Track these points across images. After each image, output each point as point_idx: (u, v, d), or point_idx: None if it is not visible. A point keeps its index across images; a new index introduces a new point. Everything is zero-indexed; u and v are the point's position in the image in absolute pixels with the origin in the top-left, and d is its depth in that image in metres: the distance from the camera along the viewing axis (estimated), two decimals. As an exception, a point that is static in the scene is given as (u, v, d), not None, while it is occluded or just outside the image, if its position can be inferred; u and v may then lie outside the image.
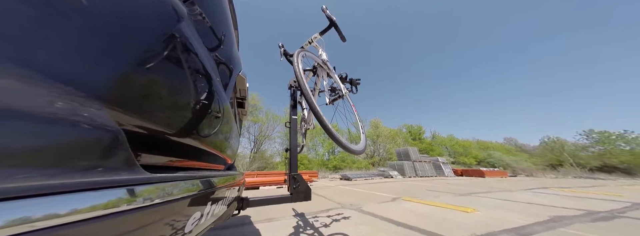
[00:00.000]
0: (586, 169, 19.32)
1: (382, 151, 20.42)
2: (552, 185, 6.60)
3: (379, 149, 20.32)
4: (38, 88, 0.17)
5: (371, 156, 20.32)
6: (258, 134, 17.66)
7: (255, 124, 17.85)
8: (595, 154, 21.78)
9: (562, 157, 22.93)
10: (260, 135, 17.70)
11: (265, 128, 18.06)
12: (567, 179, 11.83)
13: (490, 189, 5.07)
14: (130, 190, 0.22)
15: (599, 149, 22.65)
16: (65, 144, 0.18)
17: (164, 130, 0.34)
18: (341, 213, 2.42)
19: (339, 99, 1.46)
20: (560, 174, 16.33)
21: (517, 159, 23.67)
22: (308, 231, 1.76)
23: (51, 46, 0.18)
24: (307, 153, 18.48)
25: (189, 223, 0.33)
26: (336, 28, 1.32)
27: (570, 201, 3.37)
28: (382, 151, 20.37)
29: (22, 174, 0.15)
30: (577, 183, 7.90)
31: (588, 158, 21.61)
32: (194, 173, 0.40)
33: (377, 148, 20.48)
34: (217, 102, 0.50)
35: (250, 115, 18.02)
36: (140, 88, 0.27)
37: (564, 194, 4.34)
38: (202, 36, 0.46)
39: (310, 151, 19.20)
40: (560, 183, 8.00)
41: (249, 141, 17.45)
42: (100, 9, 0.22)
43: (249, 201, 0.99)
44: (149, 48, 0.28)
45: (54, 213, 0.15)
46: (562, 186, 6.45)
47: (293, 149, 1.23)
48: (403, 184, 6.70)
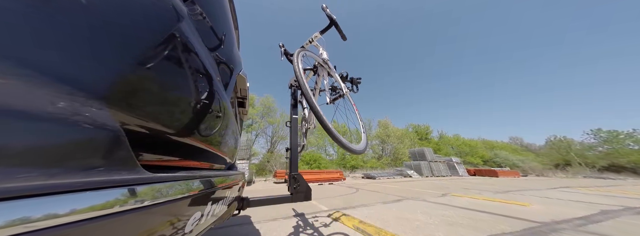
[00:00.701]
0: (595, 169, 19.37)
1: (389, 151, 20.42)
2: (570, 185, 6.91)
3: (388, 149, 20.45)
4: (39, 88, 0.17)
5: (380, 155, 20.40)
6: (274, 135, 18.16)
7: (271, 125, 18.41)
8: (602, 154, 21.75)
9: (569, 156, 22.94)
10: (276, 136, 18.24)
11: (280, 129, 18.45)
12: (577, 179, 11.97)
13: (520, 188, 5.39)
14: (131, 190, 0.22)
15: (606, 148, 22.44)
16: (66, 144, 0.18)
17: (165, 130, 0.34)
18: (416, 203, 2.96)
19: (340, 98, 1.46)
20: (570, 174, 16.56)
21: (523, 159, 23.64)
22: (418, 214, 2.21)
23: (52, 45, 0.18)
24: (319, 153, 18.59)
25: (189, 223, 0.33)
26: (337, 27, 1.32)
27: (602, 199, 3.63)
28: (390, 151, 20.36)
29: (22, 174, 0.15)
30: (592, 183, 8.14)
31: (595, 158, 21.60)
32: (194, 172, 0.40)
33: (386, 147, 20.67)
34: (218, 102, 0.50)
35: (267, 116, 18.42)
36: (140, 88, 0.28)
37: (591, 193, 4.64)
38: (203, 36, 0.46)
39: (319, 151, 19.37)
40: (575, 182, 8.27)
41: (265, 141, 18.07)
42: (101, 8, 0.22)
43: (249, 201, 1.00)
44: (150, 48, 0.28)
45: (55, 213, 0.15)
46: (580, 185, 6.71)
47: (293, 149, 1.23)
48: (429, 182, 7.29)
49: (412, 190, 4.77)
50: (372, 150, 21.27)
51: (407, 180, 8.47)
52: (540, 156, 24.98)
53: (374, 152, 21.10)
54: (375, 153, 20.57)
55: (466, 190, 4.79)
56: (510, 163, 22.69)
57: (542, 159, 23.94)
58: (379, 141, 21.78)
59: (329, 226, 1.88)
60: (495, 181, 8.11)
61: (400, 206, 2.70)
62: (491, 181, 8.50)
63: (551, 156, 24.10)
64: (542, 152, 26.42)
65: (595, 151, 22.34)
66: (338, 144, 0.93)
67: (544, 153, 25.60)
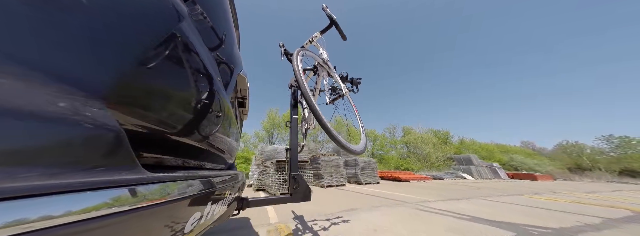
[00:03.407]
0: (616, 173, 19.90)
1: (422, 156, 20.77)
2: (616, 189, 7.42)
3: (419, 154, 21.04)
4: (40, 88, 0.17)
5: (403, 158, 20.85)
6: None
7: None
8: (614, 159, 22.22)
9: (580, 161, 23.29)
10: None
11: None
12: (602, 183, 12.64)
13: (593, 190, 6.12)
14: (131, 190, 0.22)
15: (619, 153, 22.64)
16: (67, 143, 0.18)
17: (165, 129, 0.34)
18: (530, 198, 3.93)
19: (340, 98, 1.44)
20: (594, 178, 17.10)
21: (539, 163, 23.83)
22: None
23: (52, 45, 0.18)
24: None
25: (189, 223, 0.33)
26: (337, 27, 1.31)
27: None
28: (423, 156, 20.75)
29: (22, 174, 0.15)
30: (626, 187, 8.52)
31: (606, 162, 21.96)
32: (194, 172, 0.40)
33: (417, 152, 21.39)
34: (218, 102, 0.50)
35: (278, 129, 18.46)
36: (141, 88, 0.27)
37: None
38: (203, 36, 0.46)
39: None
40: (613, 186, 8.70)
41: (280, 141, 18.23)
42: (102, 8, 0.22)
43: (249, 201, 0.99)
44: (150, 48, 0.28)
45: (55, 213, 0.15)
46: (629, 190, 7.20)
47: (293, 149, 1.22)
48: (505, 184, 8.33)
49: (493, 188, 5.78)
50: (405, 155, 21.84)
51: (471, 182, 9.51)
52: (554, 160, 25.08)
53: (409, 157, 21.53)
54: (411, 158, 21.04)
55: (538, 192, 5.31)
56: (526, 167, 22.76)
57: (557, 163, 24.04)
58: (404, 146, 22.47)
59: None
60: (545, 185, 8.41)
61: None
62: (540, 184, 8.95)
63: (564, 160, 24.36)
64: (554, 156, 26.49)
65: (606, 156, 22.48)
66: (337, 145, 0.92)
67: (556, 157, 25.65)
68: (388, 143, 23.05)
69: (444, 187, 6.13)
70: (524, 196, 4.30)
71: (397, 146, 22.98)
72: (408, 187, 5.90)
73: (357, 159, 7.31)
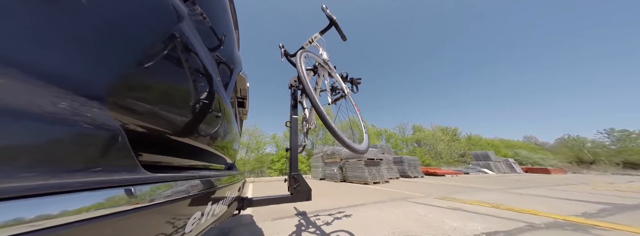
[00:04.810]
0: (619, 166, 20.29)
1: (436, 153, 21.13)
2: (629, 180, 7.50)
3: (433, 151, 21.43)
4: (39, 88, 0.17)
5: (433, 156, 21.23)
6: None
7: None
8: (614, 152, 22.54)
9: (581, 154, 23.60)
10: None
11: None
12: (609, 175, 12.73)
13: (610, 181, 6.32)
14: (131, 190, 0.22)
15: (619, 147, 22.89)
16: (66, 143, 0.18)
17: (165, 129, 0.34)
18: (575, 187, 4.28)
19: (341, 98, 1.45)
20: (600, 171, 17.45)
21: (544, 157, 24.08)
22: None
23: (52, 45, 0.18)
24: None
25: (189, 222, 0.32)
26: (337, 27, 1.32)
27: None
28: (436, 153, 21.11)
29: (22, 174, 0.15)
30: (637, 179, 8.62)
31: (606, 155, 22.33)
32: (194, 172, 0.40)
33: (430, 149, 21.79)
34: (218, 102, 0.50)
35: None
36: (140, 88, 0.28)
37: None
38: (203, 36, 0.46)
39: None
40: (623, 179, 8.76)
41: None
42: (101, 8, 0.22)
43: (249, 201, 0.99)
44: (150, 48, 0.28)
45: (55, 213, 0.15)
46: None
47: (293, 149, 1.22)
48: (520, 177, 8.48)
49: (527, 181, 5.96)
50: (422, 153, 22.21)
51: (493, 176, 9.70)
52: (557, 154, 25.35)
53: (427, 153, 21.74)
54: (429, 155, 21.25)
55: (567, 184, 5.43)
56: (531, 161, 22.94)
57: (560, 157, 24.37)
58: (414, 143, 23.03)
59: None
60: (563, 178, 8.45)
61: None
62: (565, 177, 9.03)
63: (566, 154, 24.68)
64: (556, 150, 26.69)
65: (607, 149, 22.85)
66: (341, 144, 0.92)
67: (558, 151, 25.87)
68: (400, 140, 23.21)
69: (486, 180, 6.43)
70: (568, 185, 4.68)
71: (408, 144, 23.17)
72: (460, 181, 6.18)
73: (402, 156, 8.25)
